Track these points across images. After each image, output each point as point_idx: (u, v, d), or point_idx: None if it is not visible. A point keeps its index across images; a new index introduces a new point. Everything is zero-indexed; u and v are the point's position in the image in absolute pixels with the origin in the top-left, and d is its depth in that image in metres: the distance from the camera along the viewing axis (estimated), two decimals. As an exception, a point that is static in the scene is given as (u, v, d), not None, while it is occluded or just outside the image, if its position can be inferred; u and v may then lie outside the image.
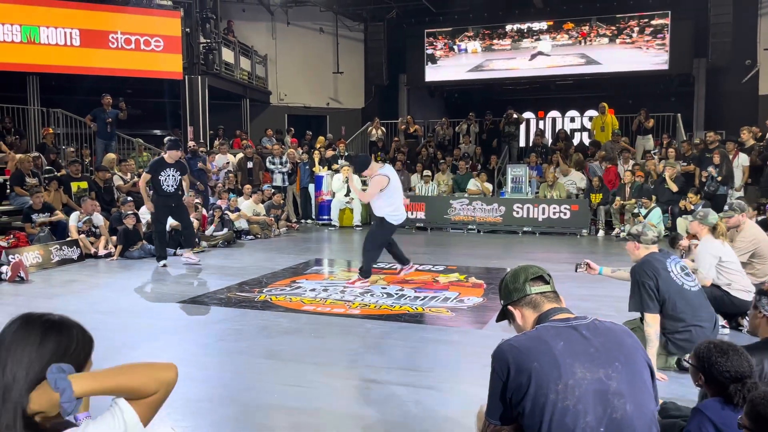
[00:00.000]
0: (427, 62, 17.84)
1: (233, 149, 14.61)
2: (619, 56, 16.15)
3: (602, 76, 16.50)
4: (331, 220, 12.94)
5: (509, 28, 17.16)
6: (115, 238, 9.12)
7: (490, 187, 13.06)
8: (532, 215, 11.83)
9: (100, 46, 12.93)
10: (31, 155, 10.67)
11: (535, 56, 16.94)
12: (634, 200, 11.13)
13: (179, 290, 6.80)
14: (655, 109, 14.94)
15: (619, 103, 16.11)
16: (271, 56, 18.19)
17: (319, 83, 18.56)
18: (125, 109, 12.35)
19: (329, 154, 14.35)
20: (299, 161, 13.97)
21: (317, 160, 13.78)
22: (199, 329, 5.24)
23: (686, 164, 11.73)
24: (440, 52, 17.76)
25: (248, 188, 12.01)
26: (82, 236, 8.99)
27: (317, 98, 18.68)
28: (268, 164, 13.50)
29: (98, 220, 9.36)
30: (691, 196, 10.29)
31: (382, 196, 6.91)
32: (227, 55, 15.84)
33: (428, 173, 13.40)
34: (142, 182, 8.43)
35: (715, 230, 5.02)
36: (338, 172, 13.22)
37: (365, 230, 12.63)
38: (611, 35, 16.31)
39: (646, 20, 16.05)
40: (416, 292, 6.58)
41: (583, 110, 18.40)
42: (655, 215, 10.47)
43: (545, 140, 15.65)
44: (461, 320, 5.48)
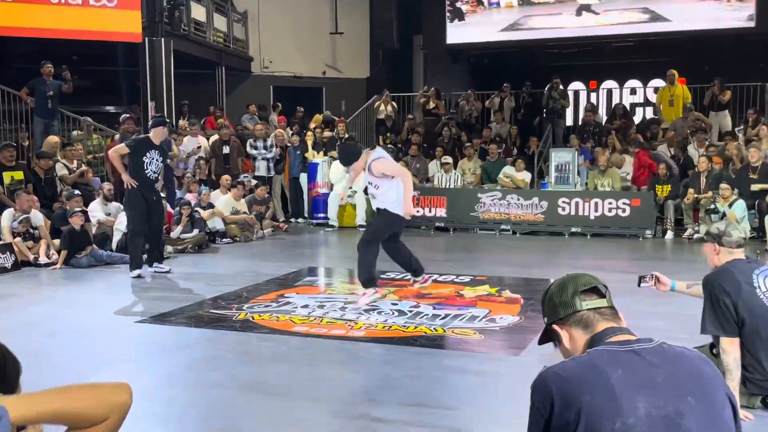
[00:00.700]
0: (449, 20, 17.82)
1: (206, 130, 14.67)
2: (693, 11, 16.05)
3: (671, 36, 16.41)
4: (328, 218, 12.97)
5: (553, -25, 17.13)
6: (58, 241, 9.17)
7: (528, 177, 13.04)
8: (581, 212, 11.80)
9: (38, 1, 12.99)
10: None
11: (583, 11, 16.88)
12: (710, 193, 11.06)
13: (139, 306, 6.83)
14: (737, 77, 14.82)
15: (692, 70, 15.98)
16: (252, 13, 18.23)
17: (313, 47, 18.59)
18: (70, 80, 12.40)
19: (326, 135, 14.36)
20: (288, 145, 13.99)
21: (311, 143, 13.81)
22: (163, 355, 5.26)
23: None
24: (466, 6, 17.73)
25: (226, 179, 12.05)
26: (17, 239, 9.05)
27: (311, 66, 18.71)
28: (249, 149, 13.54)
29: (37, 219, 9.41)
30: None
31: (387, 182, 6.93)
32: (197, 12, 15.89)
33: (450, 160, 13.38)
34: (114, 153, 8.39)
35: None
36: (337, 158, 13.22)
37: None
38: (683, -16, 16.23)
39: (726, -36, 15.95)
40: (435, 309, 6.57)
41: (646, 80, 18.31)
42: (738, 208, 10.38)
43: (598, 118, 15.60)
44: (492, 344, 5.47)
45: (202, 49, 16.02)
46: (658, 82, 16.95)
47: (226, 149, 13.38)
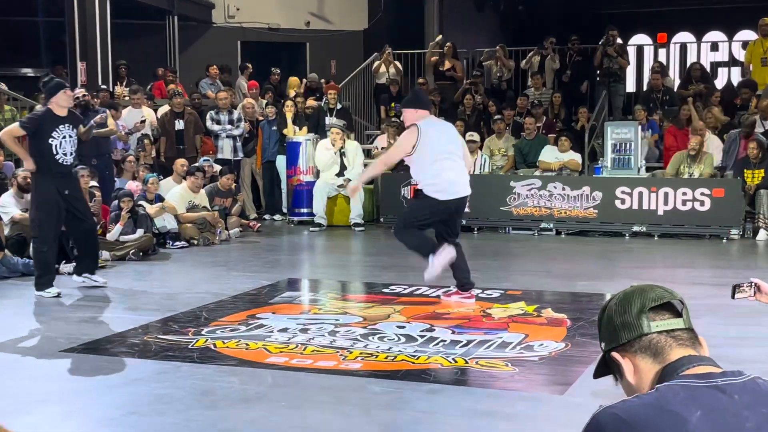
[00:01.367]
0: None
1: (154, 100, 14.67)
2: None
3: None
4: (313, 215, 12.97)
5: None
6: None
7: (578, 158, 13.03)
8: (646, 205, 11.78)
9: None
10: None
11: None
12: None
13: (67, 332, 6.81)
14: None
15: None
16: (213, -54, 18.25)
17: (293, -10, 18.63)
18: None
19: (311, 106, 14.35)
20: (261, 119, 13.98)
21: (290, 116, 13.81)
22: (98, 395, 5.25)
23: None
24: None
25: (179, 164, 12.04)
26: None
27: (290, 15, 18.71)
28: (209, 124, 13.54)
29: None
30: None
31: (413, 161, 7.44)
32: (141, -56, 15.90)
33: (474, 137, 13.36)
34: (6, 135, 8.31)
35: None
36: (325, 136, 13.22)
37: (370, 232, 12.67)
38: None
39: None
40: (454, 332, 6.55)
41: (731, 31, 18.29)
42: None
43: (668, 81, 15.58)
44: (531, 380, 5.45)
45: (147, -7, 16.05)
46: (746, 34, 16.93)
47: (179, 124, 13.39)
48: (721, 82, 16.94)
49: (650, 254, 10.68)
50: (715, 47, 18.51)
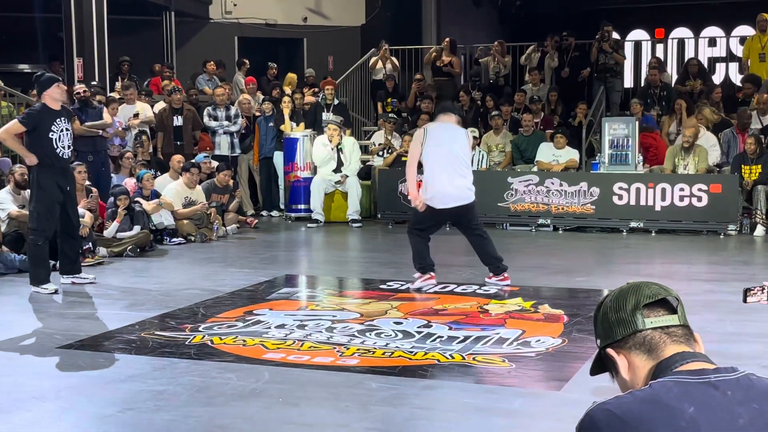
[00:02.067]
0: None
1: (152, 96, 14.64)
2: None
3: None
4: (310, 211, 12.96)
5: None
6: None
7: (575, 155, 13.02)
8: (644, 201, 11.78)
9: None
10: None
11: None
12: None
13: (63, 328, 6.81)
14: None
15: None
16: (210, -59, 18.21)
17: (290, -14, 18.60)
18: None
19: (308, 102, 14.33)
20: (258, 115, 13.97)
21: (288, 112, 13.79)
22: (94, 391, 5.25)
23: None
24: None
25: (176, 161, 12.03)
26: None
27: (287, 11, 18.67)
28: (206, 120, 13.52)
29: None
30: None
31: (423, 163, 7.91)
32: (138, -61, 15.87)
33: (473, 132, 13.35)
34: (5, 133, 8.30)
35: None
36: (322, 132, 13.21)
37: (367, 228, 12.66)
38: None
39: None
40: (452, 328, 6.56)
41: (729, 27, 18.28)
42: None
43: (666, 77, 15.57)
44: (527, 376, 5.46)
45: (144, -12, 16.01)
46: (744, 29, 16.92)
47: (176, 120, 13.37)
48: (718, 77, 16.93)
49: (647, 250, 10.69)
50: (712, 43, 18.48)
